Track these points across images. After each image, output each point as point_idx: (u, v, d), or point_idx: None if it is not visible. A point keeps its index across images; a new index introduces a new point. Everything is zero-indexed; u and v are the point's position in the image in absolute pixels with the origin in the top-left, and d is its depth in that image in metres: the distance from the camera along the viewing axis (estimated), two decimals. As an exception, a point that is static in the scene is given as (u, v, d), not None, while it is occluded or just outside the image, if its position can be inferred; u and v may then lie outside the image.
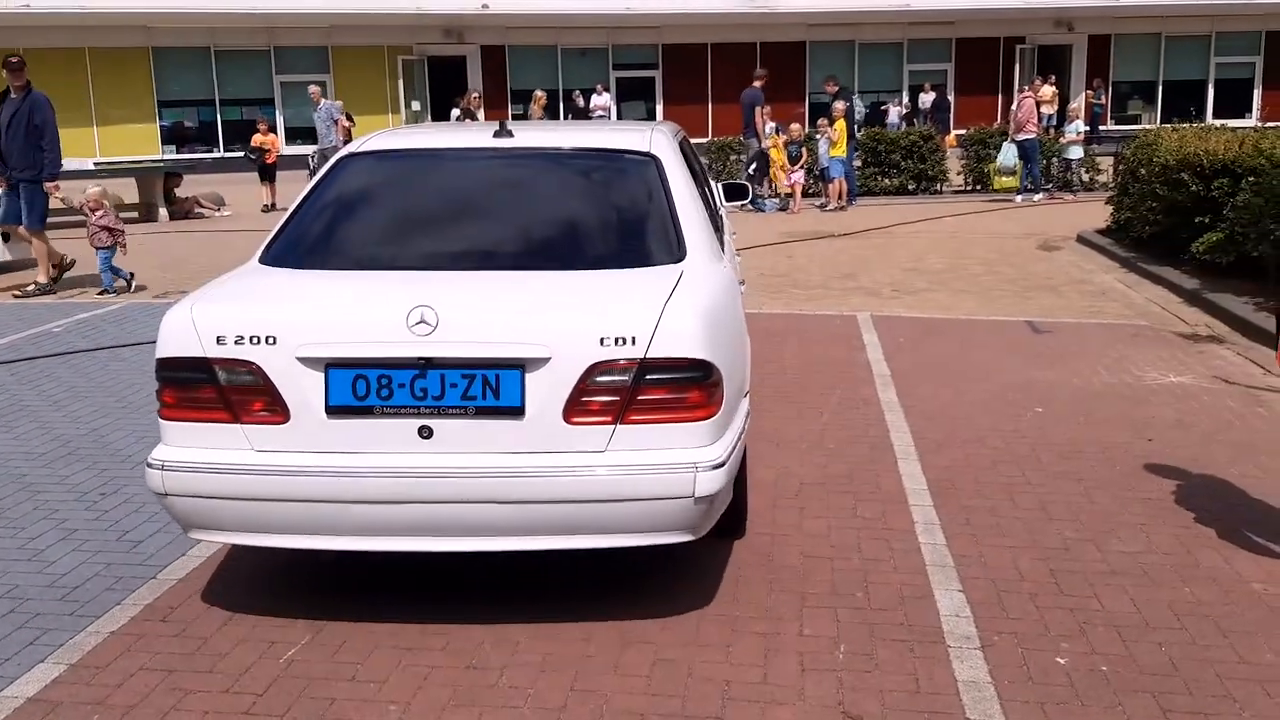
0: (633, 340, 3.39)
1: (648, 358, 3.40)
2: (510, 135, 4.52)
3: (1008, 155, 16.76)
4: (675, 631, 3.60)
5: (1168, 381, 6.60)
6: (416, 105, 29.58)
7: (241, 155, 20.12)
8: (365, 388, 3.43)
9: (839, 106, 16.41)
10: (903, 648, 3.49)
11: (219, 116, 29.10)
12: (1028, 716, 3.12)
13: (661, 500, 3.42)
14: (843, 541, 4.31)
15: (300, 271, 3.99)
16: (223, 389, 3.49)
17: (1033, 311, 8.81)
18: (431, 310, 3.41)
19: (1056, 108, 25.06)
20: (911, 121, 26.53)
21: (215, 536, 3.69)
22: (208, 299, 3.75)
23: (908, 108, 29.04)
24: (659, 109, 30.16)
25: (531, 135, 4.80)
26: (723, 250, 4.57)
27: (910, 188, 18.01)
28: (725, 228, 5.80)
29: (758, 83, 17.06)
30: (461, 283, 3.79)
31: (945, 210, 15.85)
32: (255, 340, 3.46)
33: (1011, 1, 29.04)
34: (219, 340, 3.48)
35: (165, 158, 27.30)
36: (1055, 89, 26.09)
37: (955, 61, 30.73)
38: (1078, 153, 17.65)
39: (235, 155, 23.85)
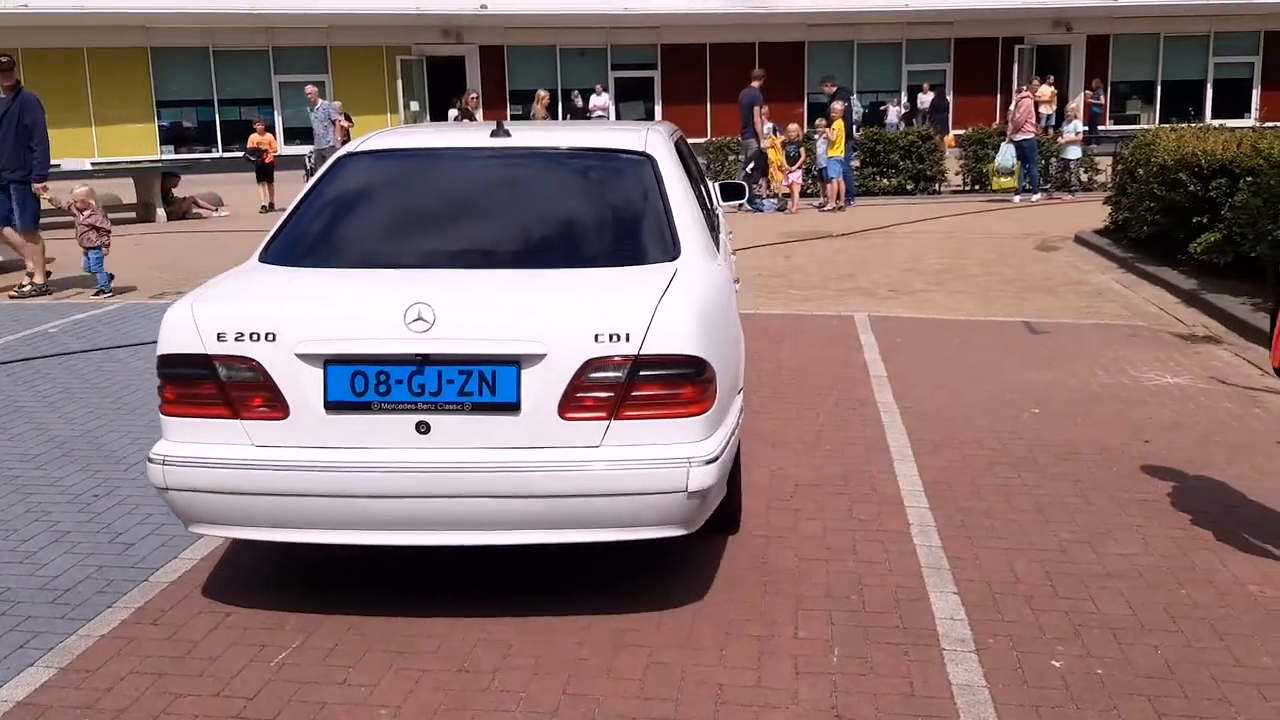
0: (627, 337, 3.43)
1: (642, 354, 3.43)
2: (507, 135, 4.57)
3: (1006, 155, 16.76)
4: (669, 634, 3.59)
5: (1165, 382, 6.59)
6: (415, 105, 29.58)
7: (240, 156, 20.10)
8: (363, 384, 3.47)
9: (837, 107, 16.41)
10: (897, 651, 3.48)
11: (217, 117, 29.13)
12: (1022, 720, 3.11)
13: (655, 495, 3.44)
14: (838, 543, 4.29)
15: (299, 269, 4.02)
16: (223, 385, 3.53)
17: (1030, 312, 8.79)
18: (429, 307, 3.43)
19: (1055, 108, 25.06)
20: (910, 121, 26.52)
21: (215, 531, 3.71)
22: (208, 296, 3.78)
23: (906, 108, 29.05)
24: (658, 109, 30.17)
25: (528, 135, 4.85)
26: (717, 249, 4.60)
27: (909, 188, 18.00)
28: (721, 227, 5.82)
29: (755, 83, 17.05)
30: (458, 280, 3.82)
31: (943, 210, 15.84)
32: (255, 337, 3.50)
33: (1010, 2, 29.07)
34: (219, 337, 3.52)
35: (163, 158, 27.32)
36: (1054, 89, 26.10)
37: (954, 62, 30.76)
38: (1076, 153, 17.64)
39: (234, 155, 23.87)
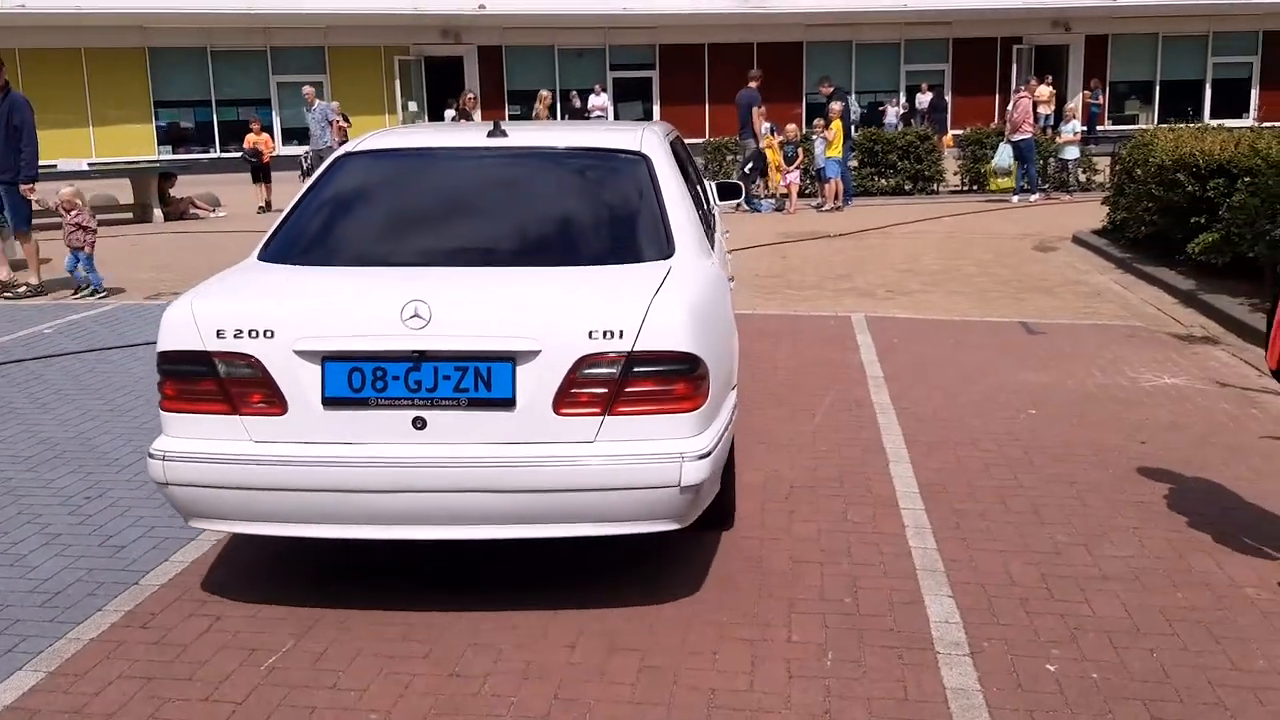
0: (620, 334, 3.46)
1: (635, 350, 3.46)
2: (504, 135, 4.61)
3: (1003, 156, 16.73)
4: (662, 637, 3.56)
5: (1162, 383, 6.57)
6: (413, 106, 29.55)
7: (238, 156, 20.06)
8: (360, 380, 3.50)
9: (835, 107, 16.39)
10: (891, 654, 3.45)
11: (215, 117, 29.08)
12: (1016, 725, 3.08)
13: (649, 489, 3.47)
14: (832, 545, 4.27)
15: (298, 268, 4.06)
16: (222, 381, 3.56)
17: (1027, 313, 8.77)
18: (425, 304, 3.46)
19: (1054, 108, 25.04)
20: (909, 122, 26.50)
21: (215, 525, 3.74)
22: (208, 294, 3.82)
23: (905, 108, 29.03)
24: (656, 109, 30.14)
25: (525, 135, 4.91)
26: (712, 247, 4.63)
27: (907, 188, 17.98)
28: (717, 226, 5.84)
29: (753, 83, 17.03)
30: (454, 278, 3.85)
31: (941, 211, 15.82)
32: (253, 334, 3.53)
33: (1009, 2, 29.04)
34: (218, 334, 3.55)
35: (161, 158, 27.27)
36: (1052, 89, 26.09)
37: (952, 62, 30.73)
38: (1074, 153, 17.62)
39: (231, 156, 23.82)
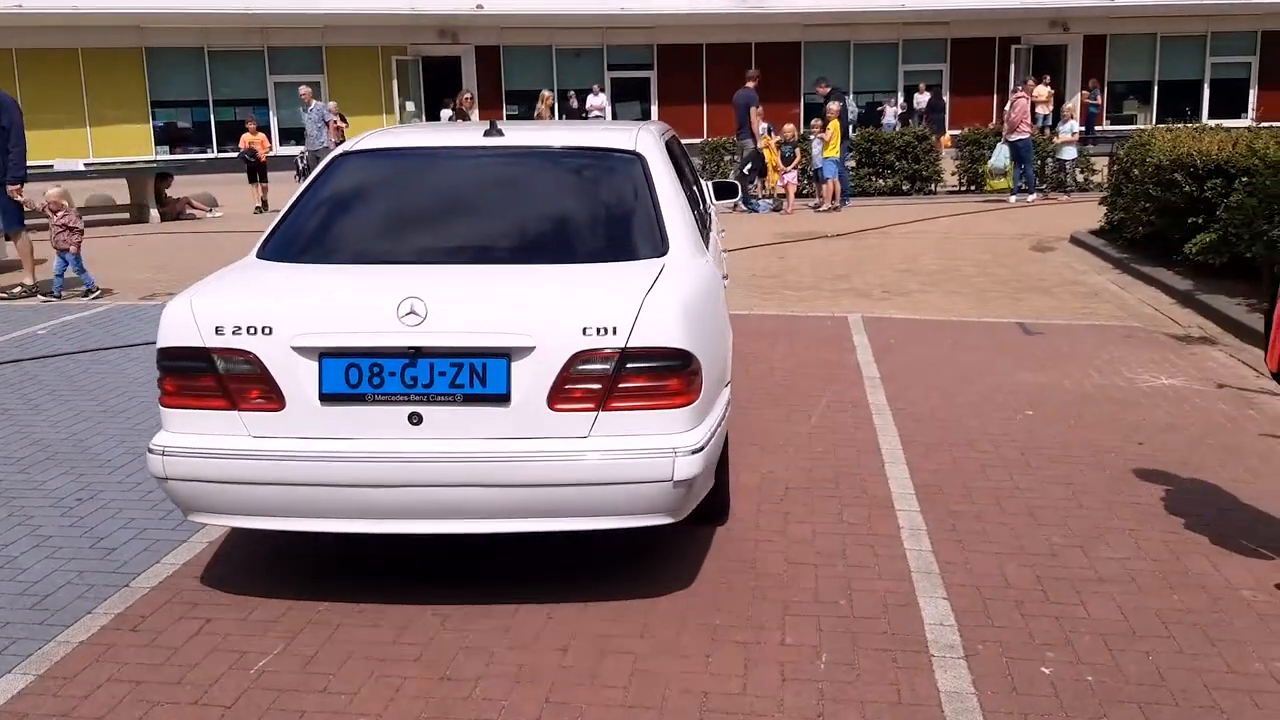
0: (614, 330, 3.49)
1: (628, 347, 3.50)
2: (500, 134, 4.66)
3: (999, 156, 16.72)
4: (654, 641, 3.54)
5: (1159, 384, 6.55)
6: (411, 106, 29.51)
7: (235, 156, 20.02)
8: (357, 376, 3.54)
9: (833, 107, 16.37)
10: (885, 657, 3.43)
11: (212, 117, 29.02)
12: (1011, 728, 3.06)
13: (642, 484, 3.51)
14: (827, 547, 4.25)
15: (296, 265, 4.09)
16: (221, 377, 3.60)
17: (1025, 313, 8.75)
18: (421, 301, 3.50)
19: (1052, 108, 25.02)
20: (906, 122, 26.48)
21: (214, 520, 3.78)
22: (206, 291, 3.85)
23: (903, 108, 29.00)
24: (654, 109, 30.10)
25: (521, 134, 4.96)
26: (707, 246, 4.67)
27: (904, 188, 17.96)
28: (713, 225, 5.85)
29: (751, 83, 17.00)
30: (450, 275, 3.89)
31: (939, 211, 15.80)
32: (252, 330, 3.56)
33: (1007, 2, 29.01)
34: (217, 330, 3.59)
35: (158, 158, 27.24)
36: (1050, 89, 26.06)
37: (950, 62, 30.69)
38: (1072, 153, 17.59)
39: (229, 156, 23.77)
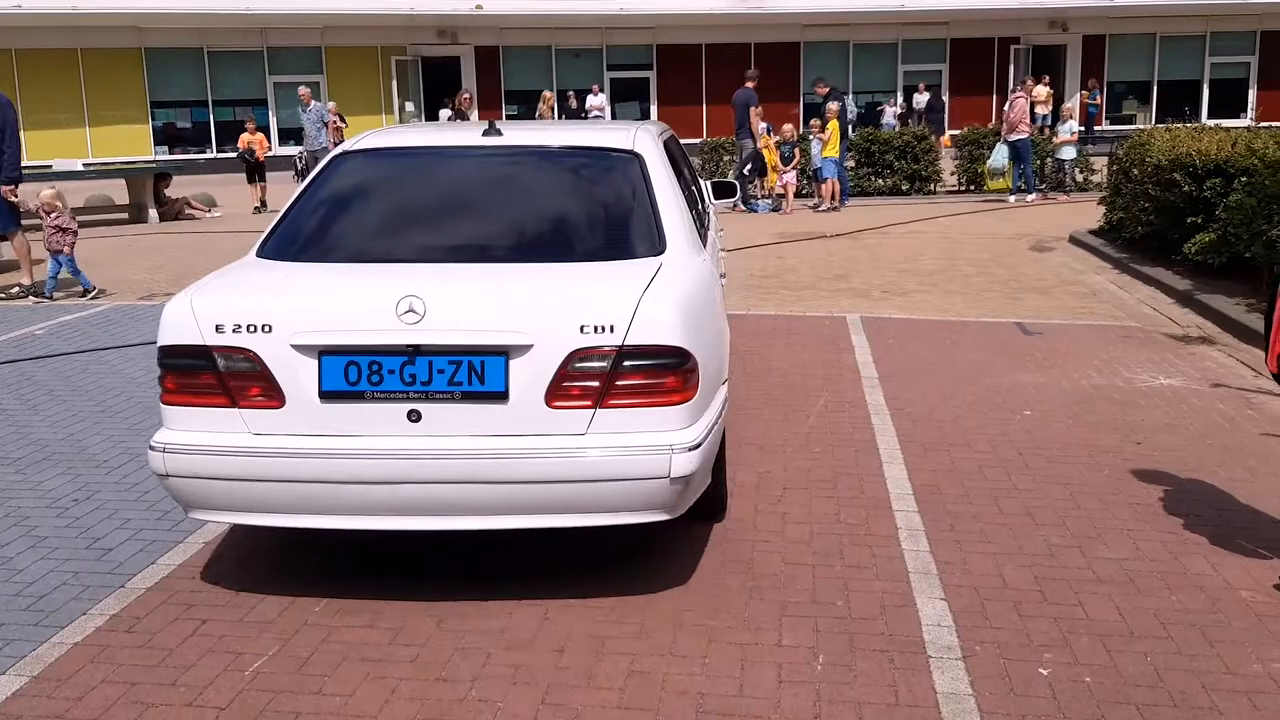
0: (611, 328, 3.52)
1: (625, 345, 3.52)
2: (499, 134, 4.68)
3: (998, 156, 16.71)
4: (650, 642, 3.53)
5: (1158, 384, 6.54)
6: (410, 106, 29.48)
7: (234, 156, 20.00)
8: (357, 373, 3.56)
9: (832, 107, 16.35)
10: (883, 658, 3.42)
11: (211, 117, 29.00)
12: (1008, 730, 3.05)
13: (639, 480, 3.53)
14: (825, 548, 4.24)
15: (295, 264, 4.12)
16: (221, 375, 3.62)
17: (1023, 313, 8.74)
18: (420, 300, 3.53)
19: (1051, 108, 25.00)
20: (906, 122, 26.47)
21: (214, 516, 3.80)
22: (207, 290, 3.87)
23: (903, 108, 28.98)
24: (653, 109, 30.08)
25: (519, 134, 4.98)
26: (704, 245, 4.69)
27: (904, 188, 17.94)
28: (711, 224, 5.86)
29: (750, 83, 16.96)
30: (449, 274, 3.91)
31: (938, 211, 15.79)
32: (252, 329, 3.59)
33: (1006, 2, 29.01)
34: (218, 329, 3.61)
35: (157, 158, 27.22)
36: (1050, 89, 26.04)
37: (950, 62, 30.67)
38: (1071, 153, 17.56)
39: (228, 156, 23.75)
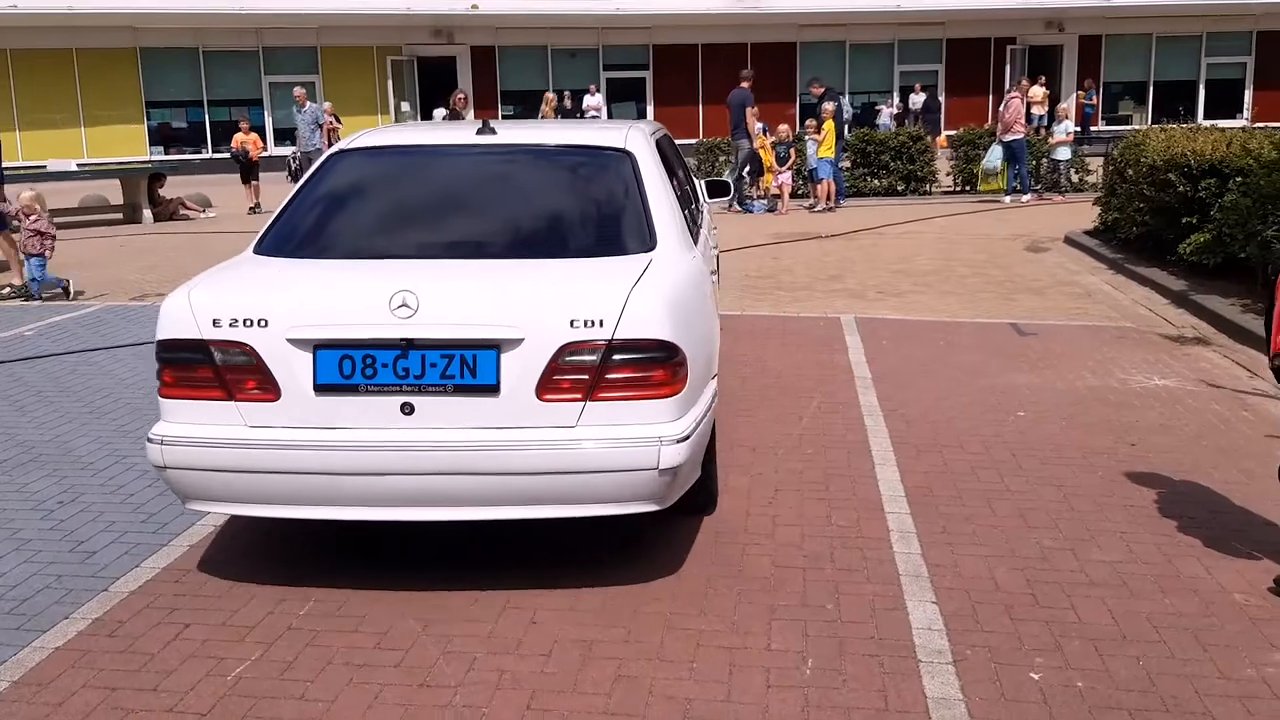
0: (600, 323, 3.57)
1: (615, 339, 3.58)
2: (493, 132, 4.74)
3: (992, 157, 16.68)
4: (638, 646, 3.49)
5: (1152, 385, 6.50)
6: (406, 106, 29.43)
7: (229, 156, 19.94)
8: (351, 367, 3.62)
9: (828, 108, 16.33)
10: (872, 663, 3.38)
11: (207, 117, 28.94)
12: (999, 735, 3.02)
13: (628, 472, 3.59)
14: (815, 550, 4.20)
15: (292, 260, 4.19)
16: (218, 368, 3.69)
17: (1018, 314, 8.71)
18: (413, 295, 3.58)
19: (1048, 108, 24.98)
20: (902, 122, 26.44)
21: (211, 507, 3.88)
22: (204, 285, 3.92)
23: (899, 109, 28.95)
24: (650, 109, 30.05)
25: (513, 132, 5.05)
26: (696, 242, 4.74)
27: (899, 189, 17.92)
28: (705, 222, 5.87)
29: (745, 83, 16.92)
30: (442, 269, 3.97)
31: (934, 211, 15.76)
32: (248, 323, 3.65)
33: (1002, 2, 28.99)
34: (215, 323, 3.68)
35: (153, 159, 27.15)
36: (1046, 90, 26.02)
37: (946, 62, 30.65)
38: (1066, 153, 17.53)
39: (223, 156, 23.68)
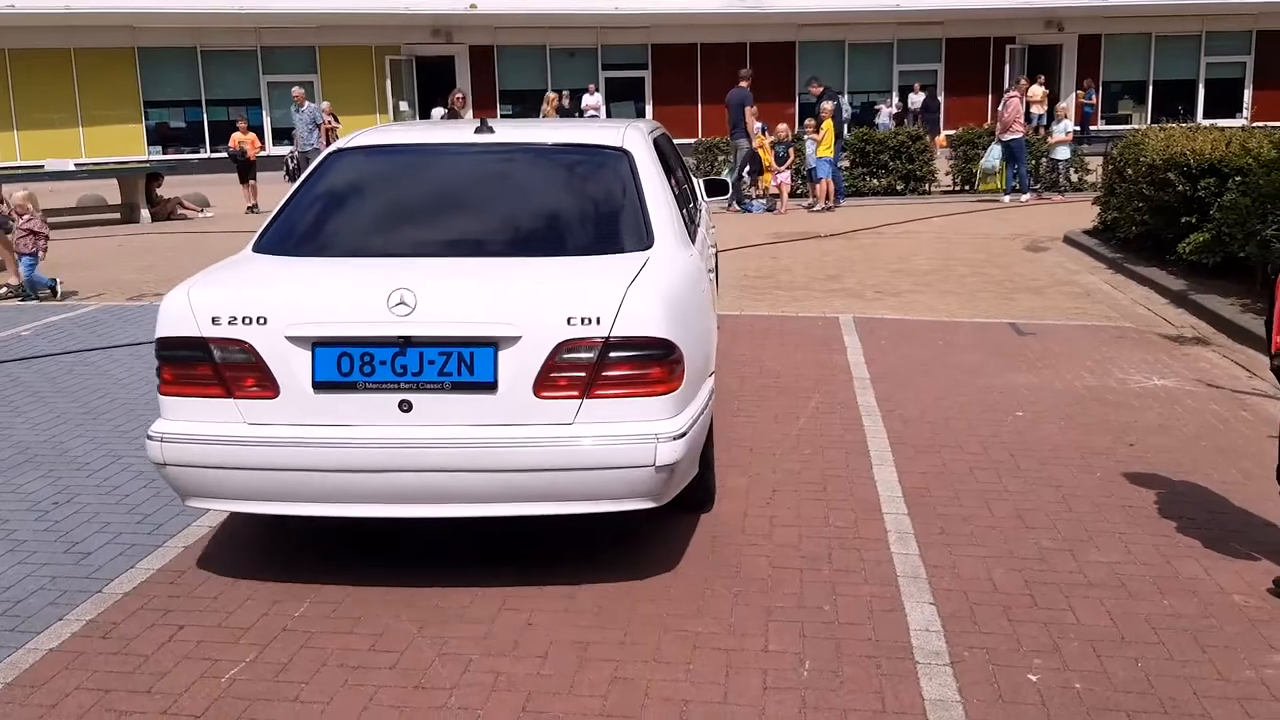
0: (597, 320, 3.58)
1: (611, 336, 3.59)
2: (491, 131, 4.75)
3: (990, 156, 16.66)
4: (635, 648, 3.48)
5: (1151, 385, 6.49)
6: (404, 106, 29.40)
7: (226, 156, 19.91)
8: (349, 365, 3.64)
9: (826, 107, 16.31)
10: (870, 664, 3.37)
11: (205, 117, 28.90)
12: (996, 737, 3.01)
13: (625, 469, 3.60)
14: (813, 551, 4.19)
15: (290, 258, 4.20)
16: (217, 366, 3.70)
17: (1017, 313, 8.69)
18: (411, 292, 3.59)
19: (1047, 108, 24.97)
20: (901, 122, 26.42)
21: (210, 504, 3.90)
22: (203, 283, 3.94)
23: (898, 108, 28.94)
24: (648, 109, 30.02)
25: (510, 131, 5.07)
26: (693, 241, 4.75)
27: (899, 188, 17.91)
28: (703, 221, 5.86)
29: (744, 82, 16.91)
30: (439, 267, 3.98)
31: (933, 211, 15.75)
32: (247, 321, 3.67)
33: (1001, 2, 28.96)
34: (214, 321, 3.69)
35: (151, 158, 27.12)
36: (1045, 89, 26.00)
37: (945, 62, 30.62)
38: (1065, 153, 17.52)
39: (221, 156, 23.64)
